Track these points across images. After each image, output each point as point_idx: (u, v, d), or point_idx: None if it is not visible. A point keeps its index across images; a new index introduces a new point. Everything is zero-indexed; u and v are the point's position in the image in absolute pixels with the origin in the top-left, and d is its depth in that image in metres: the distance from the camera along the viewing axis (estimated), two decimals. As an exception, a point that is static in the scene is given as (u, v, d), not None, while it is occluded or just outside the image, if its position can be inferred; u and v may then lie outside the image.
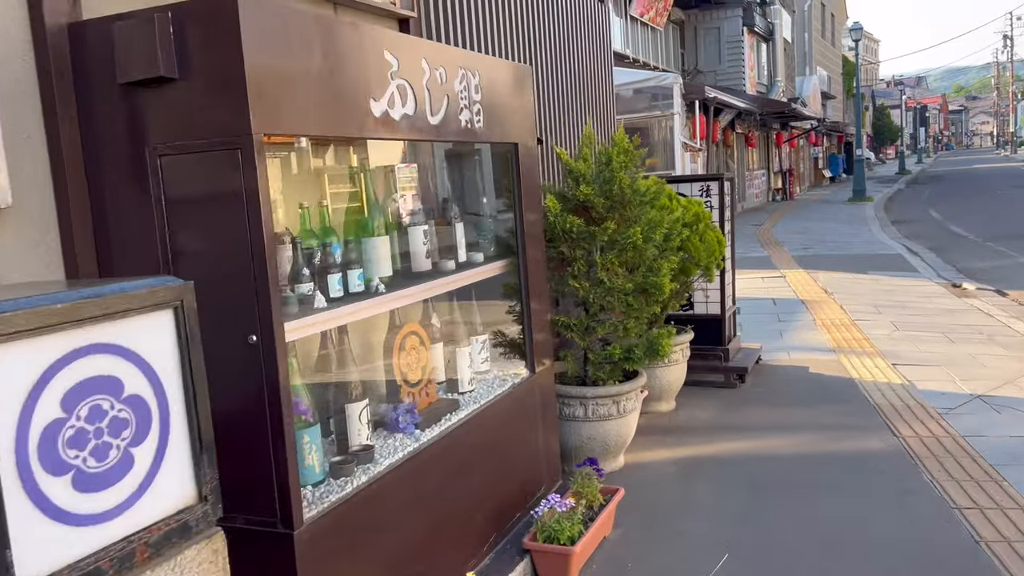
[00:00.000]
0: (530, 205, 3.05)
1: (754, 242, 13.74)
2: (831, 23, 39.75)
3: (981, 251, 11.62)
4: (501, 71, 2.89)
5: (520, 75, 3.03)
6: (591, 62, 5.52)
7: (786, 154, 27.74)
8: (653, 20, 18.27)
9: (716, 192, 5.13)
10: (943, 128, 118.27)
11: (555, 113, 4.86)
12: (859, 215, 18.40)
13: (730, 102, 16.33)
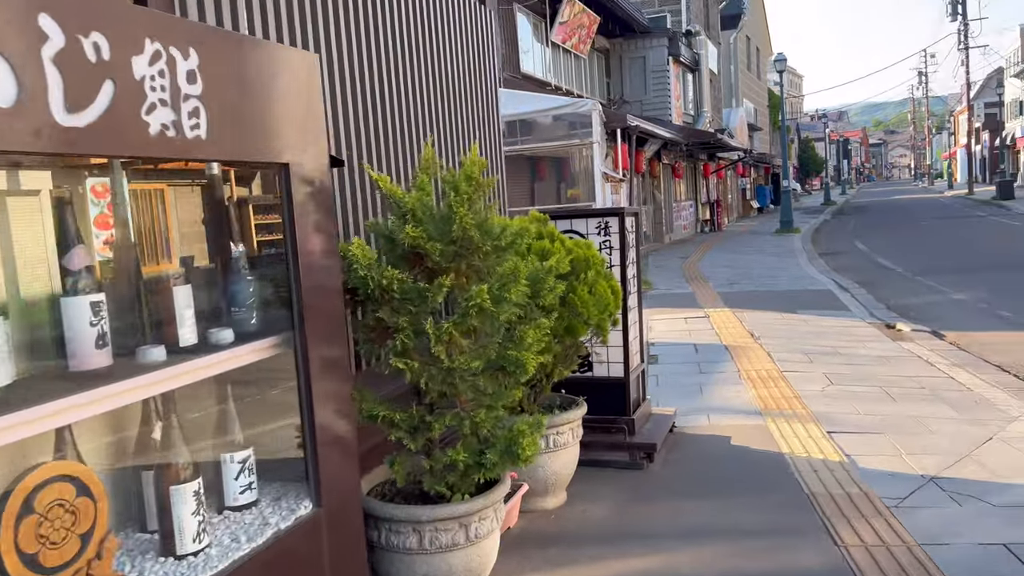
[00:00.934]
0: (316, 252, 2.07)
1: (679, 277, 13.05)
2: (756, 56, 40.33)
3: (911, 286, 11.13)
4: (252, 55, 1.91)
5: (296, 66, 2.06)
6: (467, 71, 4.60)
7: (714, 185, 27.55)
8: (576, 47, 17.69)
9: (616, 230, 4.24)
10: (864, 160, 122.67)
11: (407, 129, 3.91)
12: (787, 247, 18.02)
13: (654, 131, 15.77)
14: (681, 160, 22.76)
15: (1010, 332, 7.61)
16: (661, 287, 11.81)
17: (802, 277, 12.30)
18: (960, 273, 12.02)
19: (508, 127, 12.50)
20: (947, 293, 10.21)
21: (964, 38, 40.18)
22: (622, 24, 20.20)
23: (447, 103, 4.27)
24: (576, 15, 16.84)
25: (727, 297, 10.27)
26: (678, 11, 24.23)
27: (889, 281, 11.82)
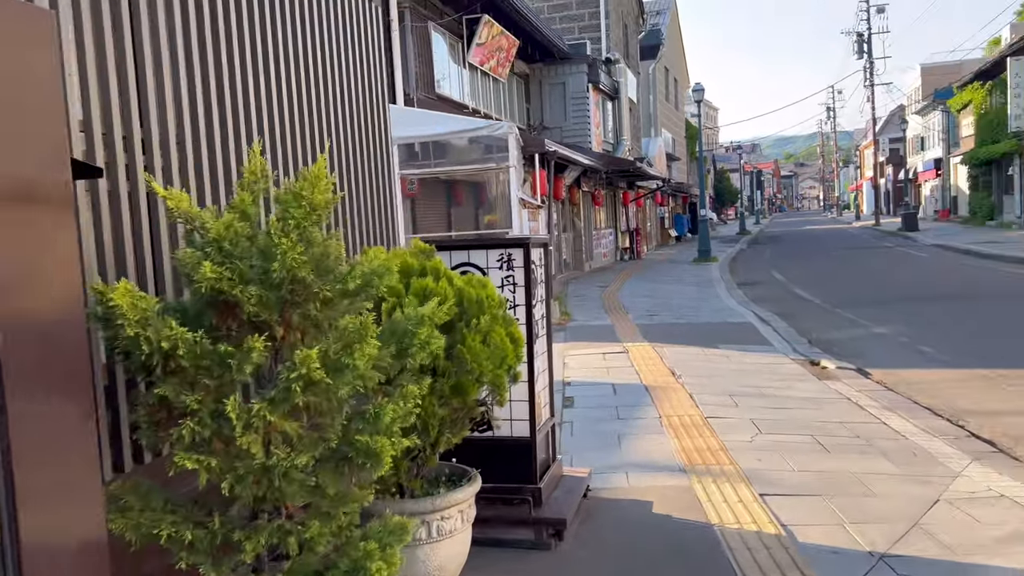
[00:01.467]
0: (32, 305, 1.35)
1: (599, 307, 12.58)
2: (675, 88, 41.00)
3: (832, 319, 10.93)
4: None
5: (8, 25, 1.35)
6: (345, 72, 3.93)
7: (633, 213, 27.52)
8: (495, 71, 17.23)
9: (520, 263, 3.61)
10: (776, 191, 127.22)
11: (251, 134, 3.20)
12: (705, 276, 17.88)
13: (573, 158, 15.39)
14: (601, 188, 22.56)
15: (934, 370, 7.34)
16: (580, 318, 11.30)
17: (722, 309, 12.00)
18: (877, 305, 11.94)
19: (421, 148, 11.85)
20: (867, 327, 10.01)
21: (869, 76, 41.88)
22: (542, 49, 19.91)
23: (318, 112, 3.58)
24: (494, 37, 16.40)
25: (647, 330, 9.81)
26: (598, 39, 24.18)
27: (809, 313, 11.63)
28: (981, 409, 5.84)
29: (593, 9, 24.39)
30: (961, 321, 10.11)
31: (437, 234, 14.23)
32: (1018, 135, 27.89)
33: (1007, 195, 31.09)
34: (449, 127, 11.29)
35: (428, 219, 14.29)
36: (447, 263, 3.53)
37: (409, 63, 13.32)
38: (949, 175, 42.18)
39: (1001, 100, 31.21)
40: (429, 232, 13.94)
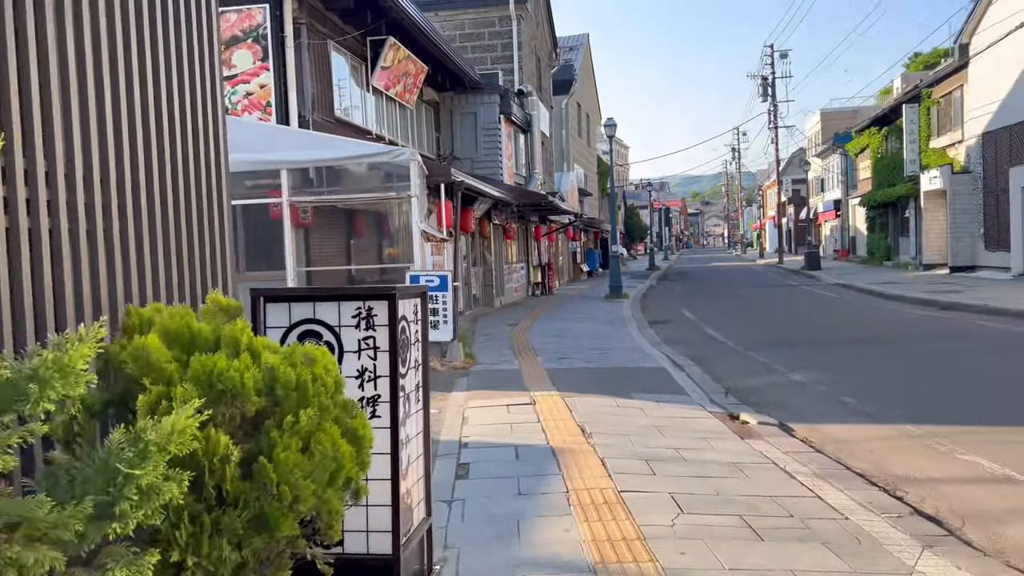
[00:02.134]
0: None
1: (507, 348, 11.79)
2: (587, 123, 41.19)
3: (746, 364, 10.46)
4: None
5: None
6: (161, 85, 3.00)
7: (545, 247, 27.05)
8: (401, 96, 16.42)
9: (384, 321, 2.74)
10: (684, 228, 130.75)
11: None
12: (617, 314, 17.40)
13: (482, 189, 14.67)
14: (513, 221, 21.96)
15: (860, 425, 6.83)
16: (485, 361, 10.46)
17: (634, 350, 11.39)
18: (791, 348, 11.59)
19: (316, 174, 10.88)
20: (784, 373, 9.56)
21: (773, 118, 43.22)
22: (452, 77, 19.26)
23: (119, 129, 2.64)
24: (400, 61, 15.61)
25: (557, 376, 9.06)
26: (511, 70, 23.76)
27: (722, 356, 11.15)
28: (918, 475, 5.29)
29: (506, 40, 24.00)
30: (878, 367, 9.79)
31: (335, 267, 13.19)
32: (913, 179, 28.96)
33: (903, 237, 32.24)
34: (346, 151, 10.37)
35: (325, 251, 13.25)
36: (284, 320, 2.63)
37: (305, 83, 12.36)
38: (848, 216, 43.78)
39: (896, 145, 32.50)
40: (326, 266, 12.90)
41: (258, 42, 12.17)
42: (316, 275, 12.60)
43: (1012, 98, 22.03)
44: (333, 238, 13.67)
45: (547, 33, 29.78)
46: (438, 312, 10.12)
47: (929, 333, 12.86)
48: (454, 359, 10.13)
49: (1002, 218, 22.86)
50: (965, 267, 24.80)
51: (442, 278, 10.11)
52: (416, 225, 10.40)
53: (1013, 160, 21.86)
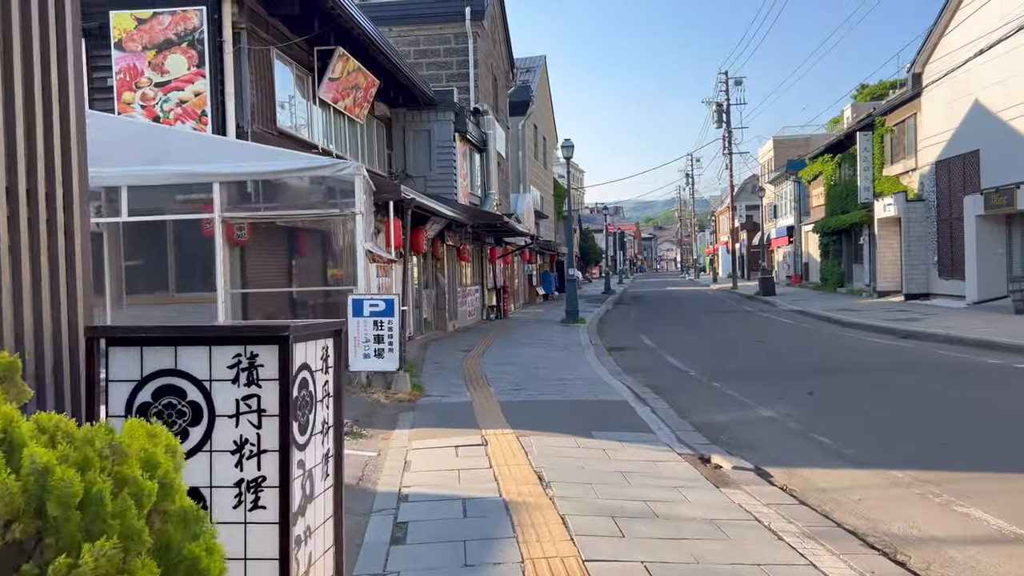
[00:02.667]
0: None
1: (458, 377, 11.03)
2: (543, 146, 40.87)
3: (711, 396, 9.88)
4: None
5: None
6: None
7: (501, 270, 26.39)
8: (351, 110, 15.66)
9: (273, 373, 1.99)
10: (638, 252, 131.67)
11: None
12: (574, 340, 16.78)
13: (435, 208, 13.95)
14: (467, 242, 21.26)
15: (842, 470, 6.24)
16: (435, 392, 9.69)
17: (594, 381, 10.73)
18: (755, 379, 11.07)
19: (253, 188, 10.04)
20: (752, 407, 8.98)
21: (728, 144, 43.47)
22: (405, 92, 18.56)
23: None
24: (350, 73, 14.87)
25: (511, 410, 8.33)
26: (466, 88, 23.19)
27: (685, 388, 10.56)
28: (917, 533, 4.68)
29: (462, 58, 23.45)
30: (849, 401, 9.29)
31: (274, 289, 12.30)
32: (867, 206, 29.11)
33: (857, 264, 32.40)
34: (285, 164, 9.58)
35: (264, 272, 12.36)
36: (135, 371, 1.87)
37: (244, 91, 11.53)
38: (801, 242, 44.11)
39: (850, 172, 32.75)
40: (265, 287, 12.02)
41: (193, 46, 11.32)
42: (253, 298, 11.72)
43: (965, 127, 22.20)
44: (273, 258, 12.79)
45: (504, 53, 29.35)
46: (383, 339, 9.34)
47: (895, 363, 12.47)
48: (400, 390, 9.33)
49: (956, 246, 22.95)
50: (919, 295, 24.84)
51: (388, 302, 9.33)
52: (361, 244, 9.63)
53: (967, 188, 21.97)
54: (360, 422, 7.73)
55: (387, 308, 9.33)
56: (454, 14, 23.02)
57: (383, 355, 9.35)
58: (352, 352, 9.38)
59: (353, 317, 9.38)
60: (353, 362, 9.38)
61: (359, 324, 9.36)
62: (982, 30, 20.68)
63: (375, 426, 7.68)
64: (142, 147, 9.73)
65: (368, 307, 9.35)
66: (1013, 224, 20.69)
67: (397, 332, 9.35)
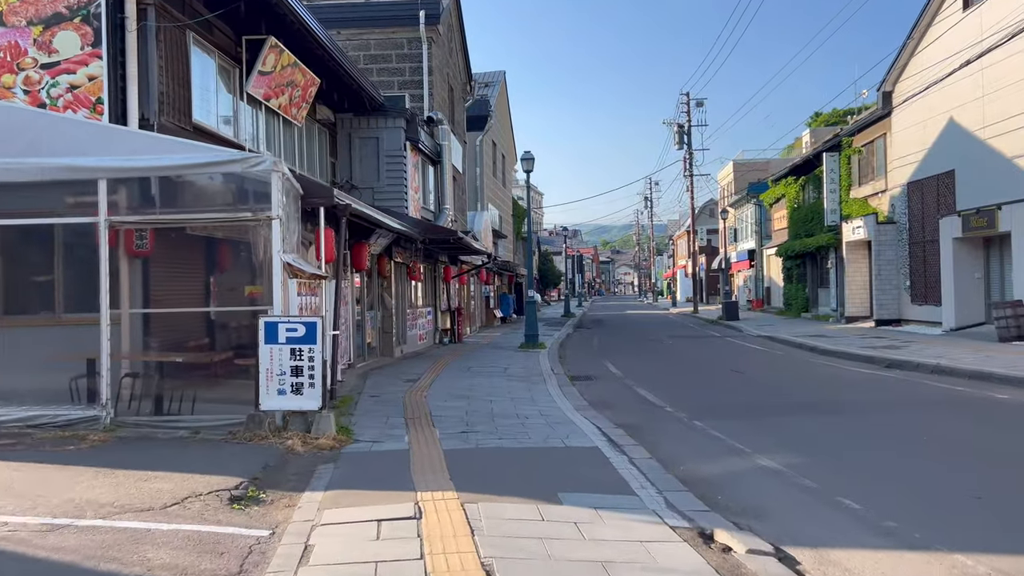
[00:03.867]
0: None
1: (398, 415, 9.35)
2: (503, 164, 39.52)
3: (696, 439, 8.37)
4: None
5: None
6: None
7: (456, 291, 24.76)
8: (286, 111, 13.99)
9: None
10: (596, 275, 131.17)
11: None
12: (534, 367, 15.22)
13: (377, 219, 12.31)
14: (418, 260, 19.61)
15: (888, 551, 4.75)
16: (366, 436, 8.00)
17: (558, 419, 9.15)
18: (740, 416, 9.63)
19: (140, 187, 8.32)
20: (747, 455, 7.49)
21: (689, 166, 42.66)
22: (351, 96, 16.96)
23: None
24: (284, 68, 13.22)
25: (458, 462, 6.70)
26: (420, 96, 21.67)
27: (663, 427, 9.05)
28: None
29: (415, 64, 21.96)
30: (860, 446, 7.86)
31: (187, 309, 10.50)
32: (834, 229, 28.24)
33: (823, 288, 31.53)
34: (186, 158, 7.89)
35: (172, 290, 10.59)
36: None
37: (151, 78, 9.81)
38: (762, 266, 43.36)
39: (815, 194, 31.97)
40: (175, 307, 10.23)
41: (88, 23, 9.59)
42: (158, 320, 9.93)
43: (940, 147, 21.37)
44: (186, 272, 11.01)
45: (461, 63, 27.96)
46: (302, 371, 7.65)
47: (890, 398, 11.16)
48: (323, 434, 7.63)
49: (930, 270, 22.03)
50: (891, 320, 23.88)
51: (309, 326, 7.66)
52: (278, 255, 7.95)
53: (942, 210, 21.09)
54: (260, 481, 6.03)
55: (308, 333, 7.66)
56: (407, 18, 21.55)
57: (302, 391, 7.66)
58: (263, 387, 7.68)
59: (265, 344, 7.68)
60: (264, 399, 7.67)
61: (272, 353, 7.66)
62: (956, 47, 19.91)
63: (280, 486, 5.98)
64: (11, 135, 7.97)
65: (284, 332, 7.66)
66: (992, 247, 19.81)
67: (320, 363, 7.67)
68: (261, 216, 7.94)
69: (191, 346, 10.54)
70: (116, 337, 9.49)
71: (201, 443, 7.44)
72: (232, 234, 10.90)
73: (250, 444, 7.34)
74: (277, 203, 7.91)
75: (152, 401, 8.71)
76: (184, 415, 8.58)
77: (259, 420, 7.68)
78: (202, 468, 6.23)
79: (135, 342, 9.68)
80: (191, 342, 10.68)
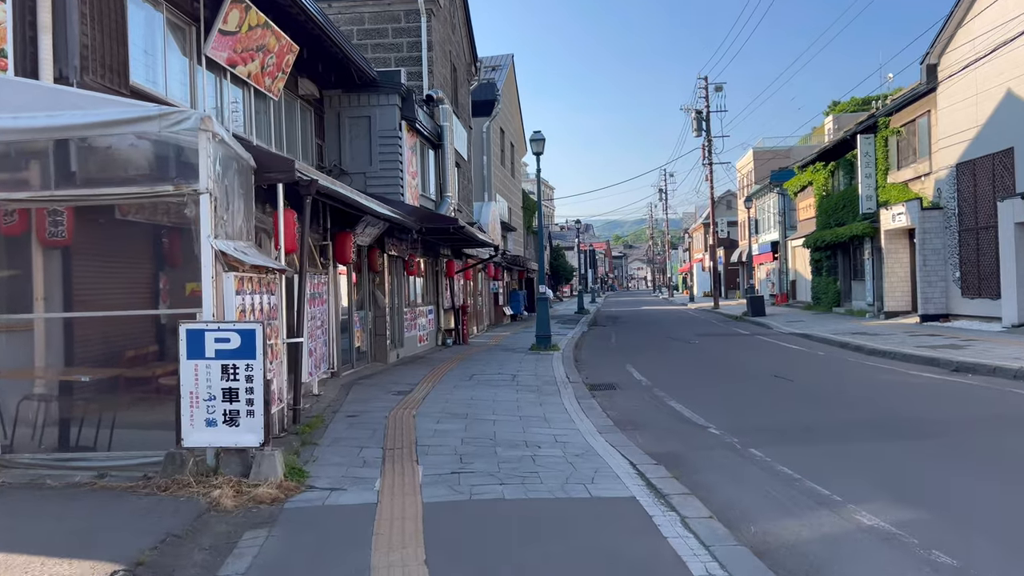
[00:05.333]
0: None
1: (375, 444, 7.41)
2: (511, 153, 37.53)
3: (758, 477, 6.39)
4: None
5: None
6: None
7: (460, 287, 22.81)
8: (258, 80, 12.05)
9: None
10: (608, 270, 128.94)
11: None
12: (547, 374, 13.27)
13: (357, 201, 10.35)
14: (417, 253, 17.67)
15: None
16: (324, 481, 6.06)
17: (579, 451, 7.19)
18: (809, 442, 7.64)
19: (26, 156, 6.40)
20: (837, 504, 5.50)
21: (708, 154, 40.50)
22: (339, 68, 15.01)
23: None
24: (252, 28, 11.28)
25: (440, 529, 4.76)
26: (418, 74, 19.73)
27: (714, 460, 7.07)
28: None
29: (413, 39, 20.00)
30: (984, 489, 5.85)
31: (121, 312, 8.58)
32: (870, 217, 26.09)
33: (856, 281, 29.36)
34: (82, 116, 5.98)
35: (109, 287, 8.70)
36: None
37: (70, 26, 7.89)
38: (787, 258, 41.18)
39: (846, 180, 29.82)
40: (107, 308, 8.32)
41: (-12, -45, 7.67)
42: (84, 326, 8.04)
43: (996, 123, 19.21)
44: (125, 267, 9.12)
45: (465, 42, 25.98)
46: (237, 395, 5.73)
47: (985, 413, 9.12)
48: (264, 480, 5.70)
49: (984, 260, 19.89)
50: (937, 315, 21.75)
51: (245, 335, 5.74)
52: (207, 242, 6.02)
53: (999, 193, 18.94)
54: (147, 569, 4.09)
55: (244, 345, 5.74)
56: (404, -12, 19.61)
57: (237, 421, 5.74)
58: (186, 416, 5.76)
59: (188, 359, 5.77)
60: (188, 432, 5.76)
61: (198, 371, 5.74)
62: (1013, 11, 17.75)
63: (180, 570, 4.06)
64: None
65: (213, 343, 5.74)
66: (1060, 233, 17.65)
67: (262, 383, 5.75)
68: (185, 189, 6.01)
69: (129, 358, 8.66)
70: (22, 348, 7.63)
71: (99, 493, 5.53)
72: (183, 220, 9.00)
73: (164, 495, 5.42)
74: (207, 173, 5.98)
75: (60, 430, 6.82)
76: (100, 449, 6.70)
77: (180, 461, 5.76)
78: (68, 546, 4.32)
79: (54, 354, 7.80)
80: (131, 352, 8.79)
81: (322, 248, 12.22)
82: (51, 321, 7.75)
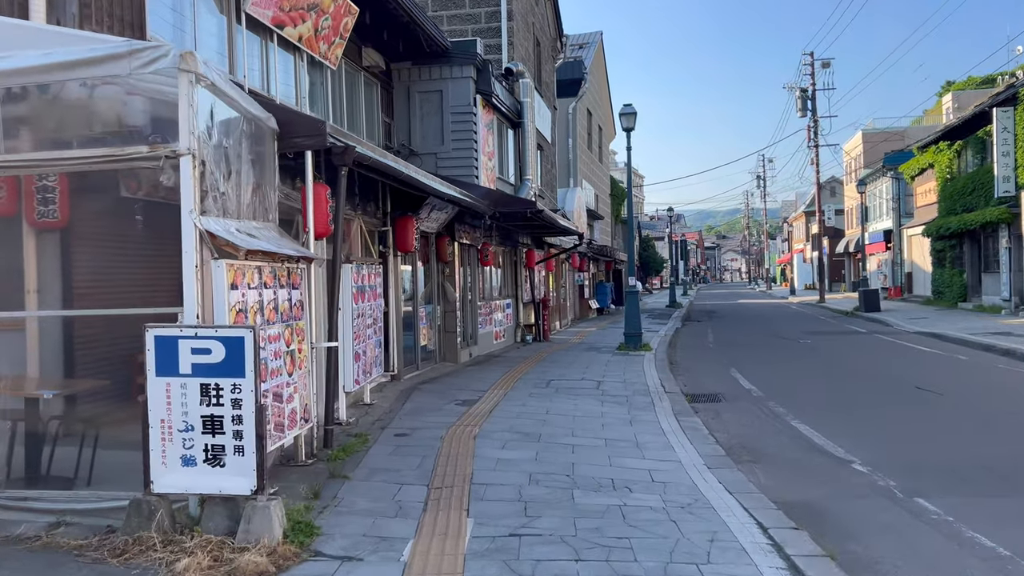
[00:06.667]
0: None
1: (418, 479, 5.82)
2: (599, 137, 35.54)
3: (949, 554, 4.46)
4: None
5: None
6: None
7: (541, 279, 21.14)
8: (311, 46, 10.66)
9: None
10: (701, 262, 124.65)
11: None
12: (637, 381, 11.46)
13: (415, 179, 8.79)
14: (491, 242, 16.11)
15: None
16: (336, 545, 4.50)
17: (684, 499, 5.40)
18: (1003, 493, 5.62)
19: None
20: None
21: (814, 135, 37.39)
22: (407, 36, 13.51)
23: None
24: (301, -19, 9.88)
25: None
26: (497, 47, 18.14)
27: (871, 516, 5.16)
28: None
29: (492, 8, 18.41)
30: None
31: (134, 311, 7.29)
32: (1007, 201, 22.94)
33: (987, 273, 26.11)
34: (34, 58, 4.59)
35: (114, 279, 7.44)
36: None
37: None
38: (902, 248, 37.69)
39: (976, 161, 26.54)
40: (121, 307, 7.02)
41: None
42: (82, 324, 6.80)
43: None
44: (138, 255, 7.81)
45: (550, 15, 24.21)
46: (222, 425, 4.24)
47: None
48: (255, 542, 4.18)
49: None
50: (1097, 314, 18.66)
51: (231, 343, 4.23)
52: (189, 219, 4.54)
53: None
54: None
55: (229, 358, 4.23)
56: (482, -48, 18.04)
57: (222, 460, 4.25)
58: (155, 451, 4.31)
59: (158, 376, 4.31)
60: (157, 472, 4.31)
61: (170, 391, 4.28)
62: None
63: None
64: None
65: (188, 354, 4.26)
66: None
67: (252, 410, 4.23)
68: (162, 152, 4.54)
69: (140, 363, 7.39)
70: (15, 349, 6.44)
71: (37, 556, 4.14)
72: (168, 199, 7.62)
73: (115, 564, 3.98)
74: (188, 128, 4.49)
75: (27, 455, 5.50)
76: (80, 479, 5.37)
77: (147, 511, 4.31)
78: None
79: (44, 361, 6.57)
80: (142, 357, 7.51)
81: (381, 235, 10.78)
82: (45, 319, 6.53)
